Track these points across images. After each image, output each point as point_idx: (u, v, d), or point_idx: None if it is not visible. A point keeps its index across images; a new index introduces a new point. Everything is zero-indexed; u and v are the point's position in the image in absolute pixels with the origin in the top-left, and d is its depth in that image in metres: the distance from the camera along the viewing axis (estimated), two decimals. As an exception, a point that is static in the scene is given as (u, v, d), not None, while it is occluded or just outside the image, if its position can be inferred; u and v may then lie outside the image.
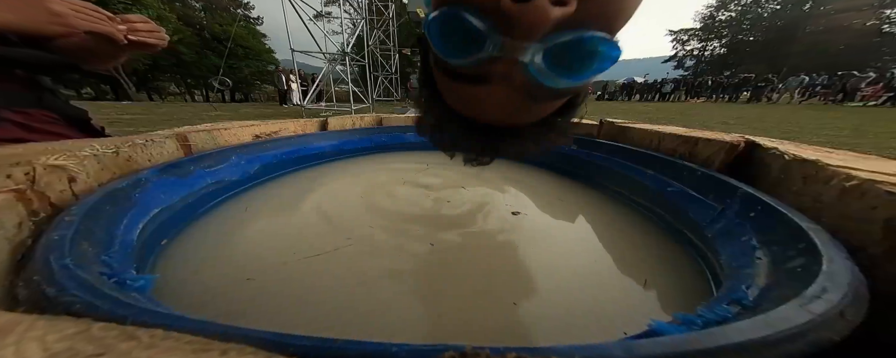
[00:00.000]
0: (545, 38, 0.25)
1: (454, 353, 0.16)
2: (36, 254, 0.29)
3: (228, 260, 0.49)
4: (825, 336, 0.21)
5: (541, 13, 0.23)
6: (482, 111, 0.34)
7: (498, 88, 0.29)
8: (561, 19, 0.24)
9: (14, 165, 0.37)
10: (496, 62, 0.27)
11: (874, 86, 12.39)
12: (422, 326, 0.37)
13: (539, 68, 0.26)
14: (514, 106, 0.31)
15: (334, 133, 1.15)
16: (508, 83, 0.29)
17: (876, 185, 0.33)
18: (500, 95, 0.30)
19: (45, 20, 0.56)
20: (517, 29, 0.24)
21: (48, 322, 0.17)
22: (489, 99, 0.31)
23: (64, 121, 0.74)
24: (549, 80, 0.28)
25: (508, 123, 0.36)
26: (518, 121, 0.36)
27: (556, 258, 0.51)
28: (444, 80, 0.34)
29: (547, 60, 0.26)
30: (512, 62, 0.27)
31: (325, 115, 1.51)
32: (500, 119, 0.35)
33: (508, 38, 0.25)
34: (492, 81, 0.29)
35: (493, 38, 0.26)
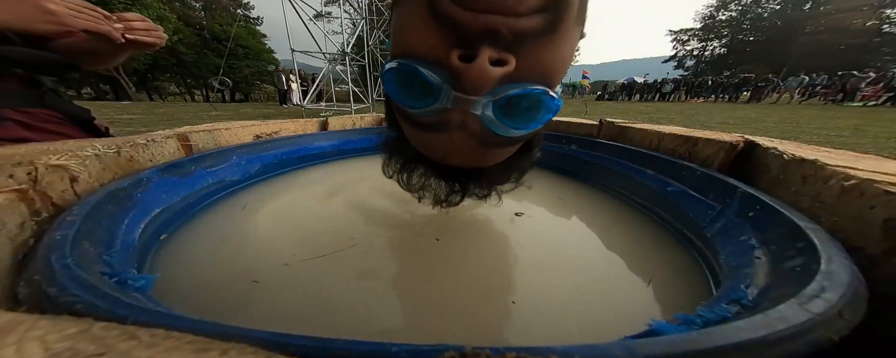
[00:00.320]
0: (493, 91, 0.28)
1: (454, 353, 0.16)
2: (37, 253, 0.29)
3: (230, 260, 0.49)
4: (824, 335, 0.21)
5: (484, 73, 0.26)
6: (445, 155, 0.37)
7: (456, 136, 0.32)
8: (504, 76, 0.27)
9: (16, 165, 0.37)
10: (452, 112, 0.30)
11: (874, 86, 12.39)
12: (423, 324, 0.38)
13: (490, 119, 0.30)
14: (473, 152, 0.35)
15: (334, 133, 1.15)
16: (465, 131, 0.32)
17: (875, 184, 0.33)
18: (458, 142, 0.33)
19: (39, 18, 0.56)
20: (465, 84, 0.27)
21: (49, 322, 0.17)
22: (449, 145, 0.34)
23: (67, 120, 0.74)
24: (500, 130, 0.31)
25: (472, 166, 0.39)
26: (480, 163, 0.39)
27: (556, 258, 0.51)
28: (407, 127, 0.38)
29: (497, 112, 0.30)
30: (465, 113, 0.30)
31: (325, 115, 1.51)
32: (462, 163, 0.38)
33: (460, 92, 0.28)
34: (449, 130, 0.32)
35: (446, 91, 0.28)
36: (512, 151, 0.40)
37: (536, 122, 0.31)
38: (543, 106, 0.30)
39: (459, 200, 0.50)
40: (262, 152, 0.87)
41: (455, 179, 0.46)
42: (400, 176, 0.50)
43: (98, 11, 0.63)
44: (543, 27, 0.26)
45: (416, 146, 0.39)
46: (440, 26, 0.27)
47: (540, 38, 0.27)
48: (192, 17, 22.57)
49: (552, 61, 0.29)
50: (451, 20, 0.26)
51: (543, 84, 0.29)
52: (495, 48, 0.26)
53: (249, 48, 23.88)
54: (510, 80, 0.28)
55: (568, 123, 1.08)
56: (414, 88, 0.30)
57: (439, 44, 0.27)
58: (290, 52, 5.89)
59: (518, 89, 0.28)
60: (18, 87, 0.66)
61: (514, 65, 0.27)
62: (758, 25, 35.34)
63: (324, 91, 8.30)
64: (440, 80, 0.28)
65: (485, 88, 0.27)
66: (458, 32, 0.26)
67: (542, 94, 0.29)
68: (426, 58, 0.28)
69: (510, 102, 0.29)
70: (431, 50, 0.28)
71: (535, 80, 0.29)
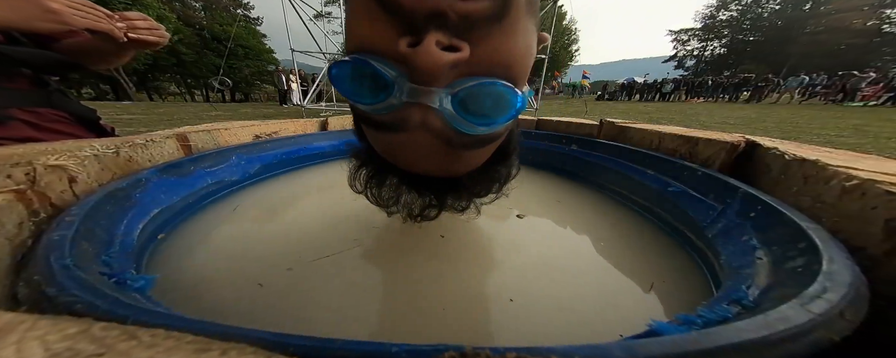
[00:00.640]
0: (451, 85, 0.28)
1: (454, 353, 0.16)
2: (36, 254, 0.29)
3: (231, 260, 0.49)
4: (825, 336, 0.21)
5: (432, 56, 0.24)
6: (411, 161, 0.35)
7: (418, 135, 0.31)
8: (458, 64, 0.26)
9: (14, 166, 0.37)
10: (411, 109, 0.29)
11: (874, 86, 12.40)
12: (423, 324, 0.37)
13: (451, 114, 0.29)
14: (440, 155, 0.33)
15: (334, 133, 1.15)
16: (427, 130, 0.30)
17: (876, 184, 0.33)
18: (421, 143, 0.31)
19: (41, 17, 0.56)
20: (417, 72, 0.26)
21: (49, 322, 0.17)
22: (412, 146, 0.32)
23: (73, 120, 0.74)
24: (463, 126, 0.30)
25: (444, 174, 0.37)
26: (452, 170, 0.37)
27: (556, 258, 0.51)
28: (367, 131, 0.36)
29: (456, 106, 0.28)
30: (425, 108, 0.28)
31: (325, 115, 1.51)
32: (431, 169, 0.36)
33: (415, 84, 0.27)
34: (409, 129, 0.30)
35: (400, 83, 0.27)
36: (484, 156, 0.38)
37: (501, 117, 0.30)
38: (506, 100, 0.29)
39: (436, 215, 0.47)
40: (262, 152, 0.87)
41: (430, 190, 0.43)
42: (369, 189, 0.47)
43: (100, 10, 0.63)
44: (491, 11, 0.25)
45: (382, 153, 0.37)
46: (385, 13, 0.26)
47: (491, 25, 0.26)
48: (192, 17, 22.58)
49: (509, 51, 0.28)
50: (394, 5, 0.25)
51: (503, 77, 0.28)
52: (444, 33, 0.25)
53: (249, 48, 23.88)
54: (468, 73, 0.28)
55: (568, 123, 1.08)
56: (367, 82, 0.28)
57: (387, 32, 0.26)
58: (290, 52, 5.89)
59: (477, 81, 0.28)
60: (26, 87, 0.66)
61: (467, 51, 0.26)
62: (758, 25, 35.34)
63: (324, 91, 8.30)
64: (394, 73, 0.27)
65: (438, 75, 0.26)
66: (404, 19, 0.25)
67: (503, 87, 0.28)
68: (377, 49, 0.27)
69: (470, 95, 0.28)
70: (380, 40, 0.27)
71: (494, 73, 0.28)
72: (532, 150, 1.04)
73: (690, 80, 19.50)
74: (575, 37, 28.87)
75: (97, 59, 0.73)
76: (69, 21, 0.58)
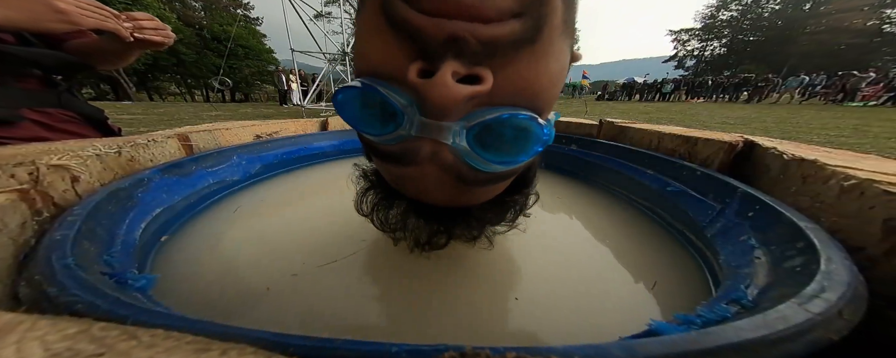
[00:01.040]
0: (468, 117, 0.24)
1: (454, 353, 0.17)
2: (38, 253, 0.29)
3: (231, 260, 0.49)
4: (824, 336, 0.21)
5: (446, 90, 0.21)
6: (420, 192, 0.31)
7: (427, 169, 0.27)
8: (477, 96, 0.22)
9: (18, 165, 0.37)
10: (421, 141, 0.25)
11: (874, 86, 12.39)
12: (427, 323, 0.38)
13: (465, 151, 0.25)
14: (451, 189, 0.29)
15: (334, 133, 1.15)
16: (436, 165, 0.27)
17: (874, 184, 0.33)
18: (430, 177, 0.28)
19: (49, 17, 0.56)
20: (427, 106, 0.22)
21: (49, 322, 0.17)
22: (422, 180, 0.29)
23: (82, 120, 0.75)
24: (478, 164, 0.26)
25: (454, 205, 0.34)
26: (463, 203, 0.33)
27: (555, 258, 0.51)
28: (374, 158, 0.33)
29: (472, 142, 0.24)
30: (436, 143, 0.25)
31: (325, 115, 1.51)
32: (441, 201, 0.32)
33: (426, 117, 0.23)
34: (419, 162, 0.27)
35: (410, 116, 0.24)
36: (499, 190, 0.34)
37: (522, 155, 0.26)
38: (530, 135, 0.25)
39: (444, 243, 0.43)
40: (263, 152, 0.87)
41: (438, 220, 0.39)
42: (375, 214, 0.43)
43: (107, 10, 0.63)
44: (521, 35, 0.21)
45: (389, 181, 0.35)
46: (397, 35, 0.22)
47: (518, 50, 0.22)
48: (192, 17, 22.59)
49: (537, 78, 0.23)
50: (407, 27, 0.21)
51: (529, 108, 0.24)
52: (462, 61, 0.21)
53: (249, 48, 23.89)
54: (488, 104, 0.23)
55: (568, 123, 1.08)
56: (373, 111, 0.25)
57: (397, 57, 0.22)
58: (290, 52, 5.89)
59: (497, 114, 0.23)
60: (37, 88, 0.67)
61: (490, 83, 0.22)
62: (758, 25, 35.33)
63: (324, 91, 8.30)
64: (404, 102, 0.23)
65: (452, 111, 0.22)
66: (418, 42, 0.21)
67: (527, 120, 0.24)
68: (386, 75, 0.24)
69: (488, 130, 0.24)
70: (391, 64, 0.23)
71: (517, 103, 0.24)
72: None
73: (690, 80, 19.50)
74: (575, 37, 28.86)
75: (104, 60, 0.73)
76: (77, 21, 0.58)
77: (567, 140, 0.98)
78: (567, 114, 6.32)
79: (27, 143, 0.48)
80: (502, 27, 0.20)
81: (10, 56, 0.58)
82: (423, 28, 0.20)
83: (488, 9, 0.20)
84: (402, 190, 0.34)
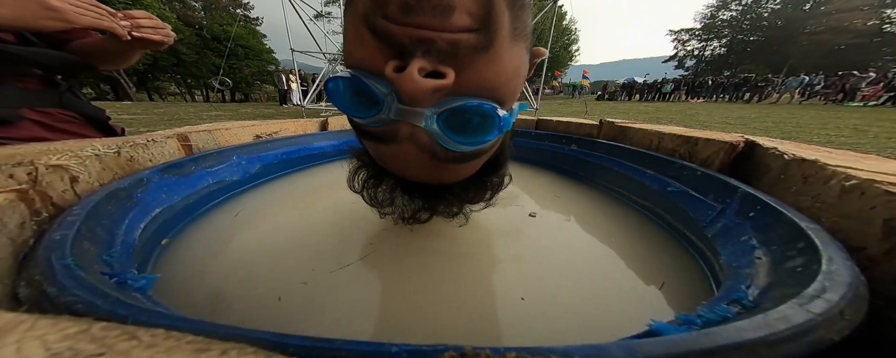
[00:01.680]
0: (438, 105, 0.29)
1: (454, 353, 0.16)
2: (38, 253, 0.29)
3: (232, 261, 0.49)
4: (825, 336, 0.21)
5: (415, 82, 0.25)
6: (401, 168, 0.36)
7: (406, 147, 0.32)
8: (442, 89, 0.27)
9: (16, 165, 0.37)
10: (400, 123, 0.30)
11: (874, 86, 12.39)
12: (428, 323, 0.38)
13: (436, 133, 0.30)
14: (428, 166, 0.34)
15: (334, 133, 1.15)
16: (414, 144, 0.31)
17: (875, 184, 0.33)
18: (409, 155, 0.33)
19: (43, 15, 0.56)
20: (402, 95, 0.27)
21: (49, 322, 0.17)
22: (402, 157, 0.34)
23: (83, 121, 0.74)
24: (448, 144, 0.31)
25: (433, 182, 0.39)
26: (440, 180, 0.38)
27: (555, 258, 0.51)
28: (361, 138, 0.38)
29: (441, 125, 0.29)
30: (413, 125, 0.30)
31: (325, 115, 1.52)
32: (421, 177, 0.37)
33: (403, 104, 0.28)
34: (399, 141, 0.32)
35: (389, 102, 0.29)
36: (472, 169, 0.39)
37: (483, 137, 0.31)
38: (489, 121, 0.30)
39: (427, 218, 0.49)
40: (262, 152, 0.87)
41: (421, 196, 0.45)
42: (365, 190, 0.49)
43: (102, 8, 0.62)
44: (476, 44, 0.26)
45: (376, 159, 0.39)
46: (377, 40, 0.27)
47: (476, 54, 0.27)
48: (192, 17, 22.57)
49: (495, 76, 0.29)
50: (385, 35, 0.26)
51: (490, 99, 0.29)
52: (430, 59, 0.26)
53: (249, 48, 23.87)
54: (455, 94, 0.28)
55: (568, 123, 1.08)
56: (360, 98, 0.30)
57: (378, 55, 0.28)
58: (290, 52, 5.89)
59: (461, 103, 0.29)
60: (38, 88, 0.66)
61: (451, 78, 0.27)
62: (758, 25, 35.33)
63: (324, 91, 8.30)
64: (385, 91, 0.28)
65: (422, 99, 0.27)
66: (393, 46, 0.26)
67: (488, 108, 0.29)
68: (369, 69, 0.29)
69: (455, 115, 0.29)
70: (372, 61, 0.28)
71: (480, 94, 0.29)
72: (532, 149, 1.04)
73: (690, 80, 19.50)
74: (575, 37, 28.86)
75: (105, 60, 0.72)
76: (71, 19, 0.58)
77: (567, 140, 0.98)
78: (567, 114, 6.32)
79: (27, 143, 0.48)
80: (463, 34, 0.26)
81: (9, 55, 0.58)
82: (397, 35, 0.26)
83: (450, 26, 0.25)
84: (386, 167, 0.38)
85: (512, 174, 0.52)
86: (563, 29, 25.54)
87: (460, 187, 0.43)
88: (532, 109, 5.63)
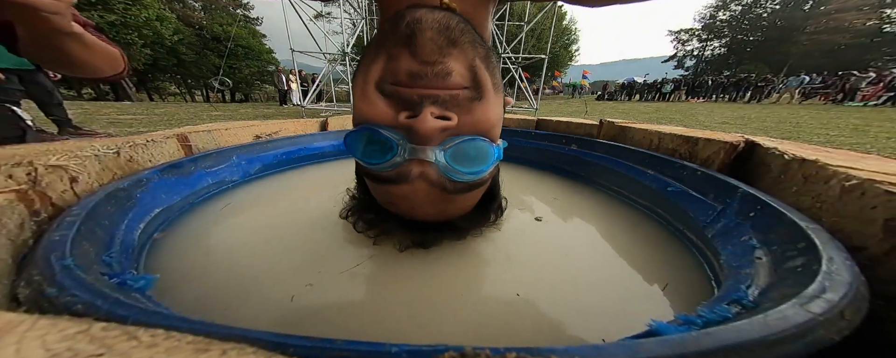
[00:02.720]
0: (444, 143, 0.35)
1: (454, 353, 0.16)
2: (37, 254, 0.29)
3: (232, 261, 0.49)
4: (825, 336, 0.21)
5: (428, 123, 0.32)
6: (412, 208, 0.41)
7: (417, 185, 0.37)
8: (450, 128, 0.34)
9: (16, 166, 0.37)
10: (411, 164, 0.36)
11: (874, 86, 12.39)
12: (428, 322, 0.38)
13: (445, 166, 0.36)
14: (436, 200, 0.39)
15: (334, 133, 1.15)
16: (425, 180, 0.37)
17: (876, 184, 0.33)
18: (420, 192, 0.38)
19: None
20: (416, 135, 0.33)
21: (49, 322, 0.17)
22: (412, 196, 0.38)
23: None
24: (454, 175, 0.37)
25: (441, 217, 0.43)
26: (447, 213, 0.43)
27: (556, 258, 0.51)
28: (373, 185, 0.43)
29: (448, 159, 0.36)
30: (423, 163, 0.36)
31: (325, 115, 1.52)
32: (431, 213, 0.42)
33: (413, 144, 0.34)
34: (410, 180, 0.37)
35: (403, 145, 0.35)
36: (476, 198, 0.44)
37: (484, 166, 0.37)
38: (487, 153, 0.37)
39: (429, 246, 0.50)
40: (262, 152, 0.87)
41: (426, 233, 0.48)
42: (358, 224, 0.53)
43: None
44: (471, 96, 0.35)
45: (384, 204, 0.44)
46: (388, 99, 0.35)
47: (471, 103, 0.35)
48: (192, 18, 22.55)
49: (486, 119, 0.36)
50: (395, 95, 0.34)
51: (483, 136, 0.36)
52: (436, 107, 0.33)
53: (249, 48, 23.85)
54: (457, 134, 0.35)
55: (568, 123, 1.08)
56: (374, 147, 0.36)
57: (389, 111, 0.35)
58: (290, 52, 5.89)
59: (463, 139, 0.35)
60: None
61: (455, 120, 0.34)
62: (758, 25, 35.31)
63: (324, 91, 8.29)
64: (397, 137, 0.35)
65: (433, 137, 0.34)
66: (403, 102, 0.34)
67: (484, 142, 0.36)
68: (382, 122, 0.35)
69: (458, 149, 0.36)
70: (384, 116, 0.35)
71: (476, 133, 0.36)
72: (532, 149, 1.04)
73: (690, 80, 19.48)
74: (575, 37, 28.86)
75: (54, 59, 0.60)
76: None
77: (567, 140, 0.98)
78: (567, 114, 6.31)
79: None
80: (460, 90, 0.34)
81: None
82: (408, 94, 0.33)
83: (450, 85, 0.33)
84: (395, 209, 0.43)
85: (513, 174, 0.55)
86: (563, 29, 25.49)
87: (464, 220, 0.48)
88: (532, 110, 5.63)
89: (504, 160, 0.45)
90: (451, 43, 0.32)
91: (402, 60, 0.33)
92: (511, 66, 5.89)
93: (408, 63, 0.32)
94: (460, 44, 0.33)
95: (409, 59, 0.32)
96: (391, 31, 0.33)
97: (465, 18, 0.34)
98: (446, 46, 0.32)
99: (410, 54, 0.32)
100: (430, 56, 0.32)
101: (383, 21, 0.37)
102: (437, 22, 0.32)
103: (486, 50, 0.36)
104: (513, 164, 1.04)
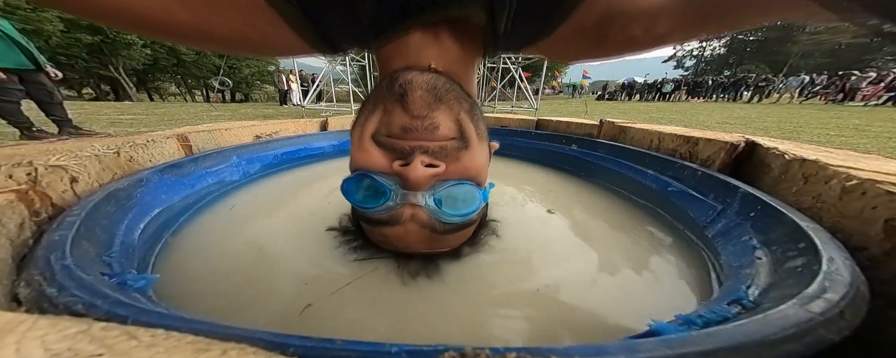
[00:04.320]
0: (433, 188, 0.38)
1: (454, 353, 0.16)
2: (37, 254, 0.29)
3: (232, 261, 0.49)
4: (825, 336, 0.21)
5: (418, 170, 0.35)
6: (405, 245, 0.43)
7: (409, 226, 0.40)
8: (439, 175, 0.37)
9: (16, 165, 0.37)
10: (403, 207, 0.38)
11: (875, 86, 12.38)
12: (429, 322, 0.38)
13: (433, 209, 0.38)
14: (426, 239, 0.42)
15: (334, 133, 1.15)
16: (416, 222, 0.39)
17: (876, 184, 0.33)
18: (411, 233, 0.41)
19: None
20: (407, 182, 0.36)
21: (49, 322, 0.17)
22: (404, 236, 0.41)
23: None
24: (443, 217, 0.39)
25: (431, 252, 0.45)
26: (437, 249, 0.45)
27: (556, 259, 0.51)
28: (368, 227, 0.45)
29: (437, 202, 0.39)
30: (415, 206, 0.38)
31: (325, 115, 1.52)
32: (422, 250, 0.44)
33: (406, 190, 0.37)
34: (402, 222, 0.39)
35: (395, 190, 0.38)
36: (464, 237, 0.47)
37: (470, 209, 0.40)
38: (473, 196, 0.40)
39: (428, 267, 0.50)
40: (262, 152, 0.87)
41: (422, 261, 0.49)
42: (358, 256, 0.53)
43: None
44: (458, 146, 0.38)
45: (379, 243, 0.46)
46: (383, 149, 0.38)
47: (459, 152, 0.38)
48: (193, 18, 22.52)
49: (473, 165, 0.39)
50: (389, 145, 0.37)
51: (470, 181, 0.39)
52: (426, 156, 0.36)
53: (249, 48, 23.82)
54: (445, 179, 0.38)
55: (568, 123, 1.08)
56: (369, 192, 0.39)
57: (383, 159, 0.38)
58: (290, 52, 5.88)
59: (451, 184, 0.38)
60: None
61: (443, 168, 0.37)
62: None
63: (324, 91, 8.29)
64: (390, 183, 0.38)
65: (423, 183, 0.36)
66: (396, 152, 0.37)
67: (470, 186, 0.39)
68: (377, 169, 0.38)
69: (447, 193, 0.39)
70: (378, 164, 0.38)
71: (463, 179, 0.39)
72: (532, 149, 1.04)
73: (690, 80, 19.47)
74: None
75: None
76: None
77: (567, 140, 0.97)
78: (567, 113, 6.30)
79: None
80: (448, 141, 0.38)
81: None
82: (400, 145, 0.37)
83: (438, 137, 0.37)
84: (388, 247, 0.46)
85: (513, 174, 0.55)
86: (563, 29, 25.49)
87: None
88: (532, 110, 5.63)
89: (504, 159, 0.45)
90: (438, 100, 0.36)
91: (396, 115, 0.36)
92: (511, 66, 5.88)
93: (401, 117, 0.36)
94: (446, 100, 0.37)
95: (402, 113, 0.36)
96: (387, 90, 0.37)
97: (451, 78, 0.38)
98: (434, 103, 0.36)
99: (403, 110, 0.36)
100: (421, 111, 0.36)
101: (381, 80, 0.40)
102: (426, 82, 0.36)
103: (471, 104, 0.40)
104: (512, 163, 1.04)
